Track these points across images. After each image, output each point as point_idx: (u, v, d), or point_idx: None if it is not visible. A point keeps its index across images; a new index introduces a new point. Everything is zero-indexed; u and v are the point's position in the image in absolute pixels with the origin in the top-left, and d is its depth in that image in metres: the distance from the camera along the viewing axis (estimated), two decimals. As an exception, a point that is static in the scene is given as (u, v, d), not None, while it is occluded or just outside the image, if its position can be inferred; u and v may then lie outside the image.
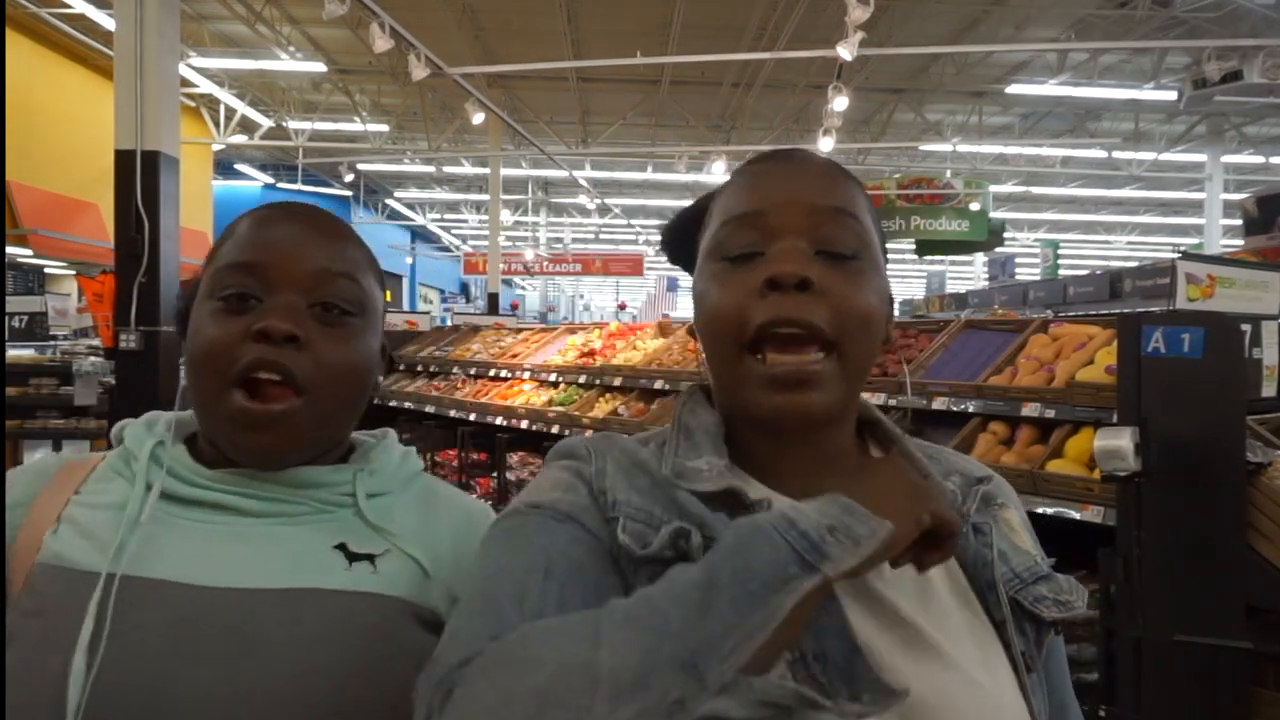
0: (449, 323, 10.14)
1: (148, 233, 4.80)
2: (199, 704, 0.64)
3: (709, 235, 0.67)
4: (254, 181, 18.42)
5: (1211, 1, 8.88)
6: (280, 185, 18.49)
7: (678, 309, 24.49)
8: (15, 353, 7.07)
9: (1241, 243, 10.45)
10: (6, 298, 6.32)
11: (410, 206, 23.11)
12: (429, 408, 6.33)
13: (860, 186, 0.67)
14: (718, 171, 12.49)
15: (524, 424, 5.45)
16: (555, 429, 5.17)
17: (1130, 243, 24.91)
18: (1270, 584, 1.89)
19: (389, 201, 21.92)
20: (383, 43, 6.81)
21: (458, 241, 28.18)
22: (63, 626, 0.64)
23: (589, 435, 0.68)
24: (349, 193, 18.89)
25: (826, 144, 9.84)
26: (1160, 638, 1.95)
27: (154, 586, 0.68)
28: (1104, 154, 14.91)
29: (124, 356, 4.94)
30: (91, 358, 6.66)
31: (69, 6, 8.56)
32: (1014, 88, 11.59)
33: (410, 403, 6.60)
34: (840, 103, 8.41)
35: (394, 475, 0.83)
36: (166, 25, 4.97)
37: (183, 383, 0.77)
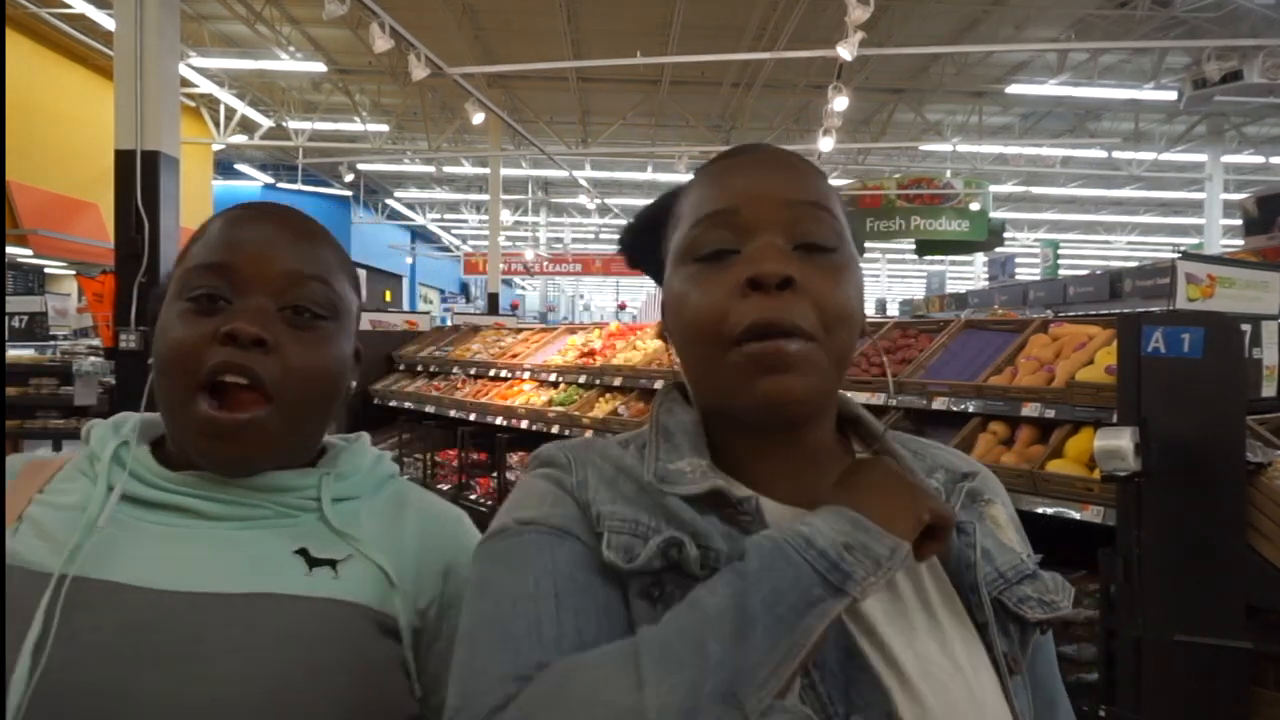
0: (449, 323, 10.13)
1: (148, 233, 4.80)
2: (149, 709, 0.63)
3: (680, 236, 0.64)
4: (254, 181, 18.40)
5: (1211, 1, 8.88)
6: (280, 185, 18.47)
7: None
8: (15, 353, 7.06)
9: (1241, 243, 10.46)
10: (6, 298, 6.32)
11: (410, 206, 23.11)
12: (429, 408, 6.33)
13: (827, 179, 0.66)
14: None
15: (524, 424, 5.45)
16: (555, 429, 5.16)
17: (1130, 243, 24.91)
18: (1270, 584, 1.89)
19: (389, 201, 21.92)
20: (383, 43, 6.81)
21: (458, 241, 28.18)
22: (13, 627, 0.63)
23: (569, 441, 0.66)
24: (349, 193, 18.88)
25: (826, 144, 9.84)
26: (1160, 638, 1.95)
27: (109, 589, 0.67)
28: (1104, 154, 14.91)
29: (124, 356, 4.94)
30: (91, 358, 6.65)
31: (69, 6, 8.56)
32: (1014, 88, 11.59)
33: (410, 403, 6.60)
34: (840, 103, 8.41)
35: (363, 479, 0.82)
36: (166, 25, 4.97)
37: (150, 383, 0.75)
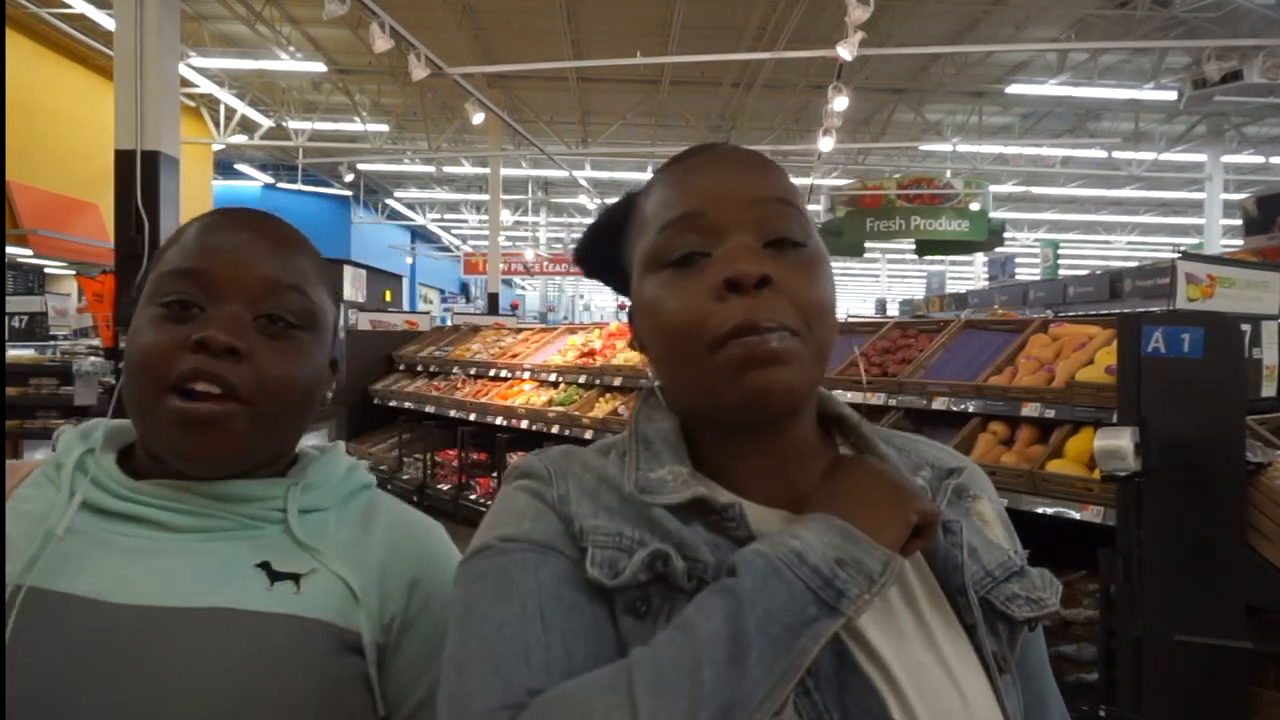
0: (449, 323, 10.14)
1: (148, 233, 4.79)
2: None
3: (646, 243, 0.63)
4: (254, 181, 18.40)
5: (1211, 1, 8.88)
6: (280, 185, 18.47)
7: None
8: (15, 353, 7.06)
9: (1241, 243, 10.47)
10: (6, 298, 6.32)
11: (410, 206, 23.11)
12: (429, 408, 6.33)
13: (787, 174, 0.65)
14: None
15: (524, 424, 5.44)
16: (555, 429, 5.16)
17: (1130, 243, 24.90)
18: (1270, 584, 1.89)
19: (389, 201, 21.92)
20: (383, 43, 6.81)
21: (458, 241, 28.18)
22: None
23: (549, 451, 0.65)
24: (349, 193, 18.88)
25: (826, 144, 9.84)
26: (1160, 638, 1.95)
27: (64, 601, 0.65)
28: (1104, 154, 14.90)
29: (124, 356, 4.94)
30: (91, 358, 6.65)
31: (69, 6, 8.56)
32: (1014, 88, 11.59)
33: (410, 403, 6.60)
34: (840, 103, 8.41)
35: (333, 490, 0.79)
36: (166, 25, 4.97)
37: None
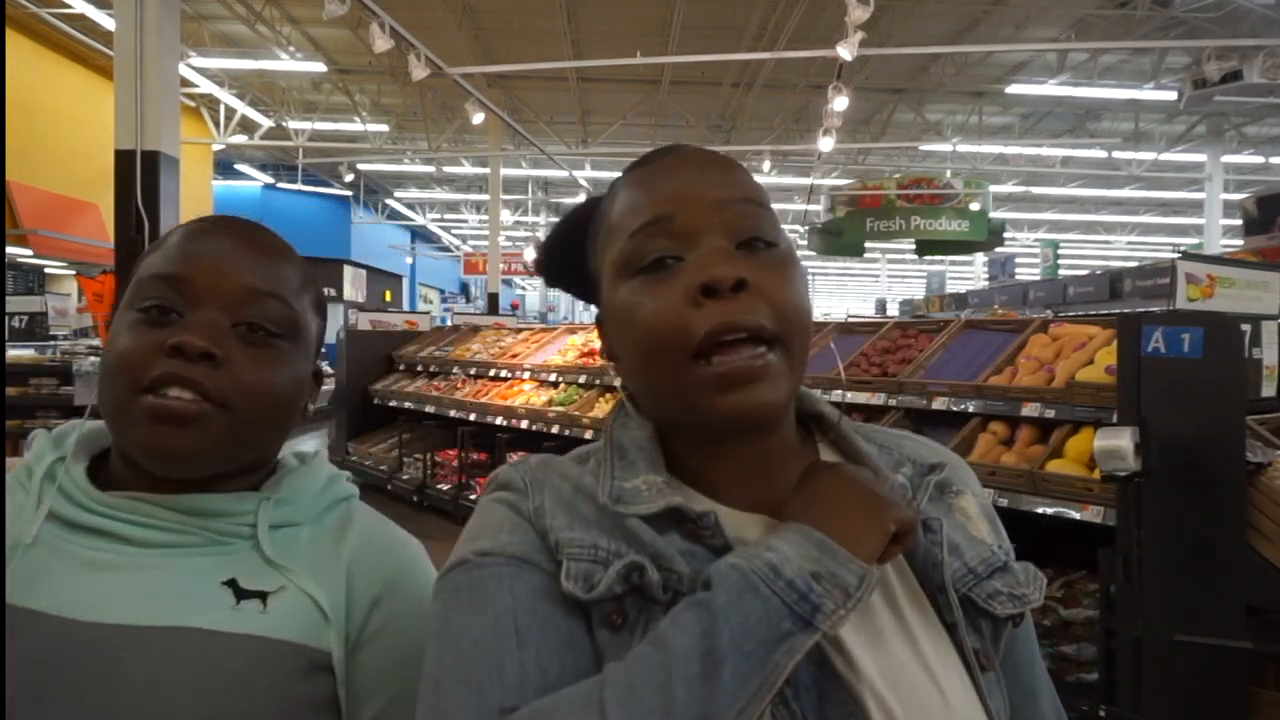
0: (449, 323, 10.14)
1: (148, 233, 4.79)
2: None
3: (615, 250, 0.62)
4: (254, 181, 18.39)
5: (1211, 1, 8.88)
6: (280, 185, 18.46)
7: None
8: (15, 353, 7.05)
9: (1241, 243, 10.47)
10: (6, 298, 6.31)
11: (410, 206, 23.10)
12: (429, 408, 6.34)
13: (751, 175, 0.65)
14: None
15: (524, 424, 5.45)
16: (555, 429, 5.16)
17: (1130, 243, 24.89)
18: (1270, 584, 1.89)
19: (389, 201, 21.91)
20: (383, 43, 6.81)
21: (458, 241, 28.17)
22: None
23: (528, 461, 0.65)
24: (349, 193, 18.87)
25: (826, 144, 9.84)
26: (1160, 638, 1.95)
27: (24, 616, 0.63)
28: (1104, 154, 14.90)
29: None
30: (91, 358, 6.64)
31: (69, 6, 8.56)
32: (1014, 88, 11.59)
33: (410, 403, 6.60)
34: (840, 103, 8.41)
35: (308, 504, 0.77)
36: (166, 25, 4.97)
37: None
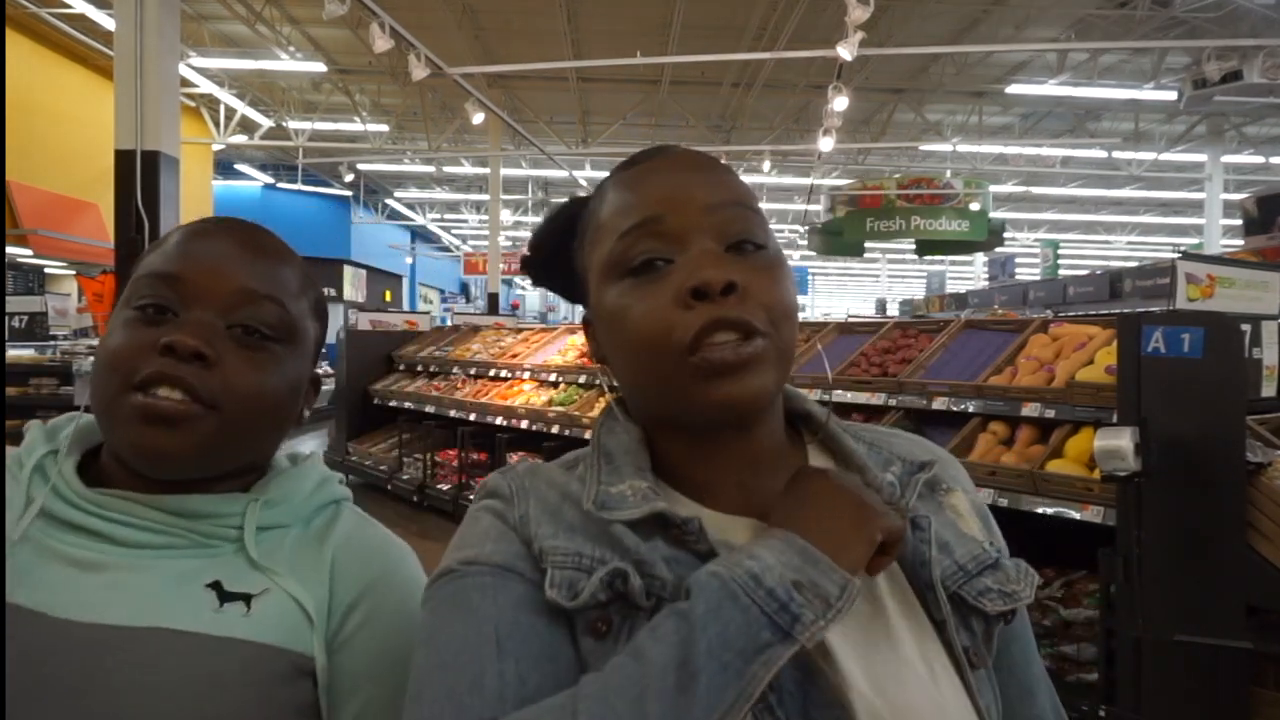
0: (449, 323, 10.14)
1: (148, 233, 4.80)
2: None
3: (604, 251, 0.62)
4: (254, 181, 18.39)
5: (1211, 1, 8.88)
6: (280, 185, 18.47)
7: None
8: (15, 353, 7.04)
9: (1241, 243, 10.47)
10: (6, 298, 6.31)
11: (410, 206, 23.11)
12: (429, 408, 6.33)
13: (739, 176, 0.65)
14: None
15: (524, 424, 5.45)
16: (555, 429, 5.16)
17: (1130, 243, 24.90)
18: (1270, 584, 1.89)
19: (389, 201, 21.91)
20: (383, 43, 6.81)
21: (458, 241, 28.17)
22: None
23: (517, 467, 0.65)
24: (349, 193, 18.87)
25: (826, 144, 9.85)
26: (1160, 638, 1.95)
27: (9, 613, 0.63)
28: (1104, 154, 14.90)
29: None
30: (91, 358, 6.65)
31: (69, 6, 8.56)
32: (1014, 88, 11.59)
33: (410, 403, 6.60)
34: (840, 103, 8.41)
35: (297, 507, 0.76)
36: (166, 25, 4.97)
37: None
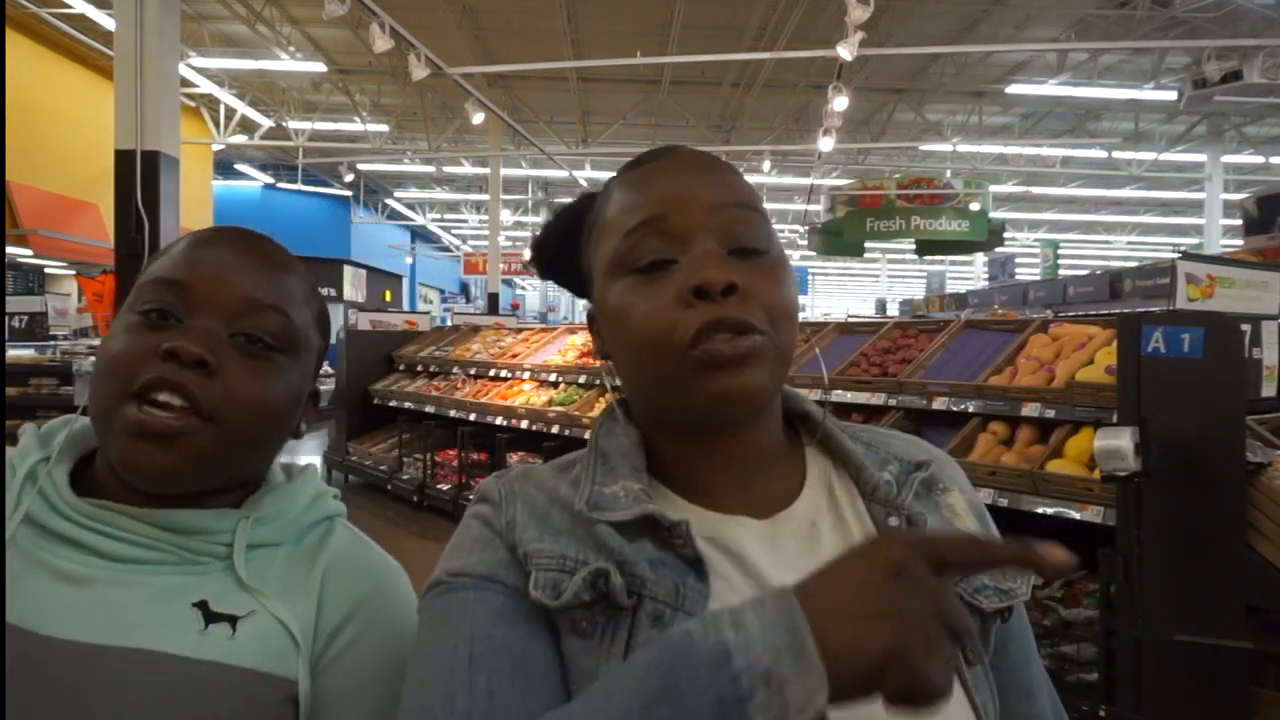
0: (449, 323, 10.14)
1: (148, 233, 4.80)
2: None
3: (609, 249, 0.63)
4: (254, 181, 18.38)
5: (1211, 1, 8.88)
6: (280, 185, 18.46)
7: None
8: (15, 353, 7.04)
9: (1241, 243, 10.47)
10: (6, 298, 6.31)
11: (410, 206, 23.10)
12: (429, 408, 6.34)
13: (743, 176, 0.65)
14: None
15: (524, 424, 5.45)
16: (555, 429, 5.16)
17: (1130, 243, 24.90)
18: (1270, 584, 1.89)
19: (389, 201, 21.91)
20: (383, 43, 6.81)
21: (458, 241, 28.17)
22: None
23: (510, 471, 0.65)
24: (349, 193, 18.87)
25: (826, 144, 9.85)
26: (1160, 638, 1.95)
27: None
28: (1104, 154, 14.90)
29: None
30: (91, 358, 6.65)
31: (69, 6, 8.56)
32: (1014, 88, 11.59)
33: (410, 403, 6.60)
34: (840, 103, 8.41)
35: (289, 524, 0.75)
36: (166, 25, 4.97)
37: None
